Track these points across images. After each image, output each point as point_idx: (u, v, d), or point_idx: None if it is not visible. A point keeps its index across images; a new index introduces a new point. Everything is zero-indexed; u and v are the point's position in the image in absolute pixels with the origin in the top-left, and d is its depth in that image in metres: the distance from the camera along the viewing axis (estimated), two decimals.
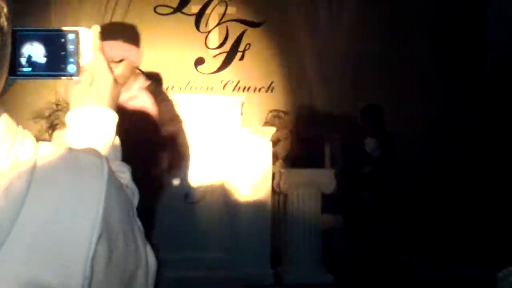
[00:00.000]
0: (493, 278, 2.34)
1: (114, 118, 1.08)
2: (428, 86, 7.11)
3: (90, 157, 0.86)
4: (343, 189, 5.80)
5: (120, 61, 3.12)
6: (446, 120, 6.96)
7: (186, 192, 5.08)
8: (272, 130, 5.58)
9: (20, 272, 0.76)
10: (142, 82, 3.34)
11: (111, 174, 0.86)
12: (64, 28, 1.00)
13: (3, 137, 0.78)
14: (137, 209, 0.99)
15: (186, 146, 3.53)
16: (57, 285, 0.78)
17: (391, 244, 5.83)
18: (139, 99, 3.28)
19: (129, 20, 6.78)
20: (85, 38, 1.01)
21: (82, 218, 0.80)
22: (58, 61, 0.99)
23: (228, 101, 5.45)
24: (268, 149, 5.38)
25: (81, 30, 1.01)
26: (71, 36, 0.99)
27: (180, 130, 3.53)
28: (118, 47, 3.11)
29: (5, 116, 0.81)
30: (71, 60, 0.99)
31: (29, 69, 0.97)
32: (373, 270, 5.50)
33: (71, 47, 0.99)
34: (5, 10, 0.80)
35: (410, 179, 6.37)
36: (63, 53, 0.99)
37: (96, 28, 1.04)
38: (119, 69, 3.11)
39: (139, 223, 0.95)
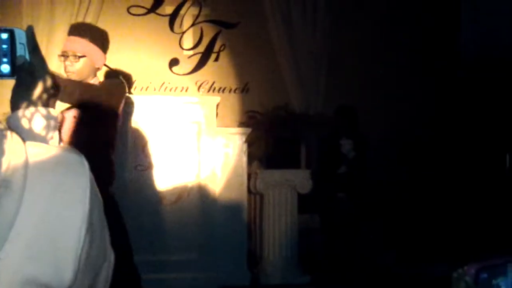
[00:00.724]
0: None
1: (56, 117, 1.08)
2: (402, 87, 7.17)
3: (72, 155, 0.88)
4: (319, 190, 5.82)
5: (81, 57, 3.28)
6: (420, 121, 7.02)
7: (162, 194, 5.05)
8: (247, 130, 5.57)
9: (19, 269, 0.78)
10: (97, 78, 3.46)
11: (90, 172, 0.89)
12: None
13: (0, 146, 0.80)
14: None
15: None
16: (53, 280, 0.81)
17: (367, 244, 5.86)
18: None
19: (102, 20, 6.72)
20: (20, 38, 0.99)
21: (73, 213, 0.83)
22: None
23: (203, 102, 5.43)
24: (244, 150, 5.38)
25: (16, 30, 0.99)
26: (4, 36, 0.97)
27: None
28: (83, 44, 3.31)
29: None
30: (4, 60, 0.97)
31: None
32: (350, 270, 5.52)
33: (4, 46, 0.97)
34: None
35: (385, 180, 6.41)
36: None
37: (31, 28, 1.03)
38: (78, 65, 3.28)
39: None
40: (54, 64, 6.48)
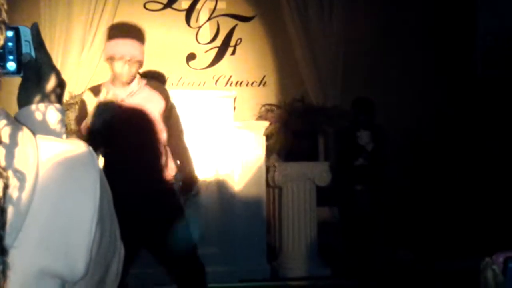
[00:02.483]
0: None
1: (62, 114, 1.08)
2: (419, 80, 7.13)
3: (82, 149, 0.89)
4: (338, 182, 5.80)
5: (133, 60, 3.23)
6: (436, 115, 6.97)
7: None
8: (265, 124, 5.57)
9: (32, 262, 0.79)
10: (140, 79, 3.43)
11: (99, 165, 0.90)
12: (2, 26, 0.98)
13: (12, 137, 0.81)
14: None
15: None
16: (65, 273, 0.82)
17: (386, 236, 5.84)
18: (142, 95, 3.34)
19: (119, 15, 6.75)
20: (26, 35, 1.00)
21: (84, 206, 0.84)
22: None
23: (221, 96, 5.43)
24: (262, 143, 5.38)
25: (21, 27, 0.99)
26: (9, 34, 0.97)
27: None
28: (136, 46, 3.25)
29: (4, 113, 0.84)
30: (10, 57, 0.97)
31: None
32: (370, 262, 5.51)
33: (9, 44, 0.97)
34: (5, 6, 0.83)
35: (403, 173, 6.38)
36: (1, 50, 0.96)
37: (36, 26, 1.03)
38: (134, 68, 3.25)
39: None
40: (73, 59, 6.55)
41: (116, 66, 3.23)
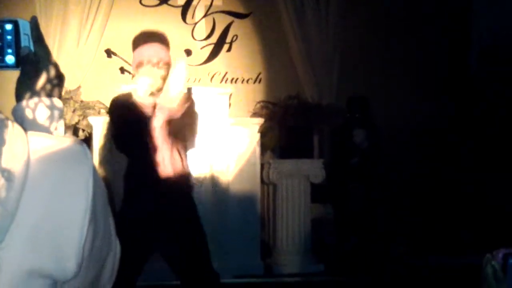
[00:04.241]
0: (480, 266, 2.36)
1: (60, 107, 1.07)
2: (415, 77, 7.15)
3: (74, 145, 0.87)
4: (332, 179, 5.82)
5: (161, 62, 3.19)
6: (433, 112, 6.98)
7: None
8: (260, 121, 5.57)
9: (21, 262, 0.78)
10: None
11: (93, 161, 0.88)
12: (1, 19, 0.98)
13: (0, 136, 0.80)
14: None
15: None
16: (55, 271, 0.81)
17: (380, 233, 5.86)
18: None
19: (115, 11, 6.74)
20: (24, 29, 0.99)
21: (75, 204, 0.82)
22: None
23: (216, 93, 5.44)
24: (257, 140, 5.38)
25: (20, 20, 0.99)
26: (8, 27, 0.97)
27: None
28: (168, 53, 3.25)
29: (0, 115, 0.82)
30: (9, 51, 0.97)
31: None
32: (363, 259, 5.52)
33: (8, 37, 0.97)
34: None
35: (398, 171, 6.40)
36: (0, 44, 0.97)
37: (35, 19, 1.03)
38: (162, 71, 3.19)
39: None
40: (67, 53, 6.53)
41: (144, 72, 3.16)
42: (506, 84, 6.64)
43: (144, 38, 3.28)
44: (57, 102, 1.05)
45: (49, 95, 1.04)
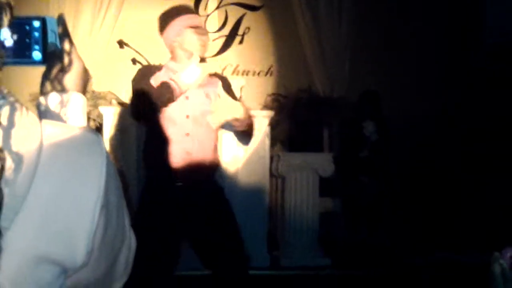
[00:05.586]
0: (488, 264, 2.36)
1: (84, 102, 1.09)
2: (426, 71, 7.12)
3: (88, 134, 0.88)
4: (341, 173, 5.82)
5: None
6: (444, 106, 6.96)
7: None
8: (270, 113, 5.58)
9: (30, 246, 0.78)
10: None
11: (107, 152, 0.89)
12: (29, 16, 1.00)
13: (10, 119, 0.81)
14: None
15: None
16: (64, 258, 0.81)
17: (388, 227, 5.86)
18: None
19: (128, 3, 6.75)
20: (52, 25, 1.02)
21: (87, 191, 0.83)
22: (23, 48, 0.98)
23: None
24: (267, 133, 5.40)
25: (47, 18, 1.01)
26: (36, 24, 0.99)
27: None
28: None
29: (10, 99, 0.83)
30: (36, 47, 0.99)
31: None
32: (371, 253, 5.53)
33: (35, 34, 0.99)
34: None
35: (407, 164, 6.39)
36: (28, 40, 0.99)
37: (62, 16, 1.05)
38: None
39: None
40: (79, 43, 6.53)
41: (193, 37, 3.16)
42: None
43: (184, 9, 3.34)
44: (81, 97, 1.07)
45: (73, 90, 1.06)
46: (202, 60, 3.20)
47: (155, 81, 3.08)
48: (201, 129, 3.13)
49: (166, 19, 3.26)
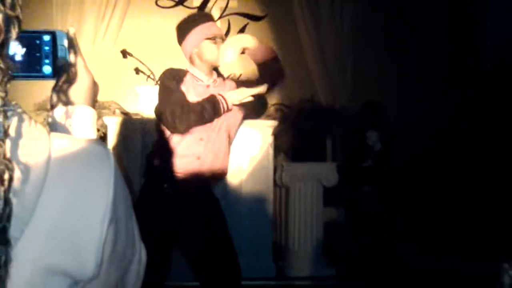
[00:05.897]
0: (494, 273, 2.35)
1: (93, 115, 1.09)
2: (429, 80, 7.12)
3: (97, 147, 0.88)
4: (345, 183, 5.81)
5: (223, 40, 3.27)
6: (447, 115, 6.96)
7: None
8: (274, 123, 5.58)
9: (41, 256, 0.78)
10: None
11: (116, 164, 0.88)
12: (39, 30, 1.00)
13: (18, 130, 0.80)
14: None
15: None
16: (73, 271, 0.81)
17: (393, 237, 5.84)
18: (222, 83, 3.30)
19: (131, 12, 6.77)
20: (62, 40, 1.02)
21: (95, 204, 0.82)
22: (33, 62, 0.99)
23: None
24: (270, 143, 5.39)
25: (57, 32, 1.01)
26: (46, 38, 1.00)
27: None
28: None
29: (18, 110, 0.83)
30: (46, 61, 1.00)
31: None
32: (375, 264, 5.51)
33: (46, 48, 0.99)
34: (19, 1, 0.81)
35: (411, 174, 6.37)
36: (38, 54, 0.99)
37: (72, 30, 1.05)
38: None
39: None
40: (82, 53, 6.55)
41: (211, 48, 3.19)
42: None
43: (200, 18, 3.32)
44: (90, 110, 1.07)
45: (83, 103, 1.06)
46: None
47: (185, 88, 3.09)
48: (213, 134, 3.13)
49: (184, 29, 3.27)
